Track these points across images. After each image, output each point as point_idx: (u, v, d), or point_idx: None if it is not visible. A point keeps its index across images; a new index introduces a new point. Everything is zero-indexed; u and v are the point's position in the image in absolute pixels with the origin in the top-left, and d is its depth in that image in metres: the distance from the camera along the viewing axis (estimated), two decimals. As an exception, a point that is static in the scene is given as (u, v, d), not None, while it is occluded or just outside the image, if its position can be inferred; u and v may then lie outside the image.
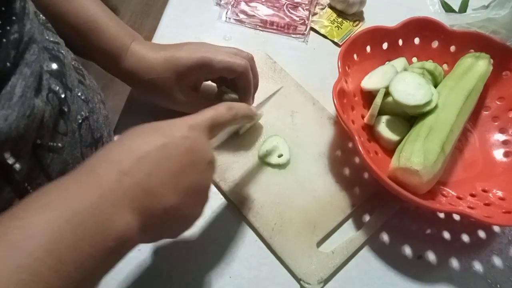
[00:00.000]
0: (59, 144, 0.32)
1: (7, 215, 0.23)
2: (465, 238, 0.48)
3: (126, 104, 0.53)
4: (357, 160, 0.51)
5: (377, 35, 0.54)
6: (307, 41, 0.63)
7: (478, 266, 0.46)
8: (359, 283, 0.44)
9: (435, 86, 0.52)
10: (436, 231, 0.48)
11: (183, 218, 0.33)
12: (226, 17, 0.64)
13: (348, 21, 0.66)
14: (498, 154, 0.52)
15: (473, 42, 0.55)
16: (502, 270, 0.46)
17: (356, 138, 0.43)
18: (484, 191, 0.48)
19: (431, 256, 0.46)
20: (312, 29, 0.64)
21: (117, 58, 0.44)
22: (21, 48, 0.27)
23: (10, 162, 0.27)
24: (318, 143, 0.52)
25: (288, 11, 0.65)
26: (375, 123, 0.51)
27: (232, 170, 0.48)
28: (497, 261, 0.46)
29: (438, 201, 0.46)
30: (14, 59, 0.26)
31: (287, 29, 0.63)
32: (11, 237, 0.22)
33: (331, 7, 0.67)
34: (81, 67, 0.39)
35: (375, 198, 0.48)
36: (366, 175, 0.50)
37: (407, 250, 0.46)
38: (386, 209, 0.48)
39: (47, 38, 0.34)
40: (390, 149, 0.50)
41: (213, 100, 0.50)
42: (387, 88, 0.50)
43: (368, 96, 0.54)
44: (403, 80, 0.49)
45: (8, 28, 0.26)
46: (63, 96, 0.32)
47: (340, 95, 0.47)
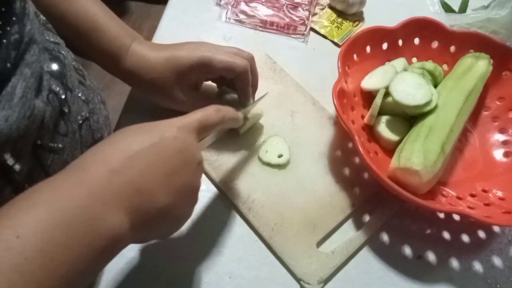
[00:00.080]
0: (60, 145, 0.32)
1: None
2: (465, 238, 0.48)
3: (126, 104, 0.53)
4: (357, 160, 0.51)
5: (377, 35, 0.54)
6: (307, 41, 0.63)
7: (478, 266, 0.46)
8: (359, 283, 0.44)
9: (435, 86, 0.52)
10: (436, 231, 0.48)
11: (174, 219, 0.33)
12: (226, 17, 0.64)
13: (348, 21, 0.66)
14: (498, 154, 0.52)
15: (473, 42, 0.55)
16: (502, 270, 0.46)
17: (356, 138, 0.43)
18: (484, 191, 0.48)
19: (431, 256, 0.46)
20: (312, 29, 0.64)
21: (117, 58, 0.44)
22: (21, 48, 0.27)
23: (11, 163, 0.27)
24: (318, 143, 0.52)
25: (288, 11, 0.65)
26: (375, 123, 0.51)
27: (232, 170, 0.48)
28: (497, 261, 0.47)
29: (438, 201, 0.46)
30: (15, 60, 0.26)
31: (287, 29, 0.63)
32: (1, 236, 0.22)
33: (331, 7, 0.67)
34: (81, 68, 0.39)
35: (375, 198, 0.48)
36: (366, 175, 0.50)
37: (407, 250, 0.46)
38: (386, 209, 0.48)
39: (47, 38, 0.34)
40: (390, 149, 0.50)
41: (213, 100, 0.50)
42: (387, 88, 0.50)
43: (368, 96, 0.54)
44: (403, 80, 0.49)
45: (8, 28, 0.26)
46: (63, 96, 0.32)
47: (340, 95, 0.47)
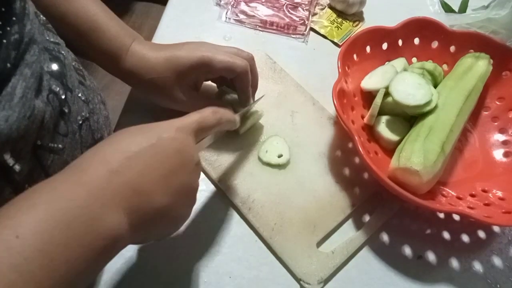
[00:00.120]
0: (60, 145, 0.32)
1: None
2: (465, 238, 0.48)
3: (126, 104, 0.53)
4: (357, 160, 0.51)
5: (377, 35, 0.54)
6: (307, 41, 0.63)
7: (478, 266, 0.46)
8: (359, 283, 0.44)
9: (435, 86, 0.52)
10: (436, 231, 0.48)
11: (172, 219, 0.33)
12: (226, 17, 0.64)
13: (348, 21, 0.66)
14: (498, 154, 0.52)
15: (473, 42, 0.55)
16: (502, 270, 0.46)
17: (356, 138, 0.43)
18: (484, 191, 0.48)
19: (431, 256, 0.46)
20: (312, 29, 0.64)
21: (117, 58, 0.44)
22: (21, 48, 0.27)
23: (11, 163, 0.26)
24: (318, 143, 0.52)
25: (288, 11, 0.65)
26: (375, 123, 0.51)
27: (232, 170, 0.48)
28: (497, 261, 0.47)
29: (438, 201, 0.46)
30: (15, 60, 0.26)
31: (287, 29, 0.63)
32: (0, 236, 0.22)
33: (331, 7, 0.67)
34: (81, 68, 0.39)
35: (375, 198, 0.48)
36: (366, 175, 0.50)
37: (407, 250, 0.46)
38: (386, 209, 0.48)
39: (47, 38, 0.34)
40: (390, 149, 0.50)
41: (213, 100, 0.50)
42: (387, 88, 0.50)
43: (368, 96, 0.54)
44: (403, 80, 0.49)
45: (8, 28, 0.25)
46: (63, 97, 0.32)
47: (340, 95, 0.47)
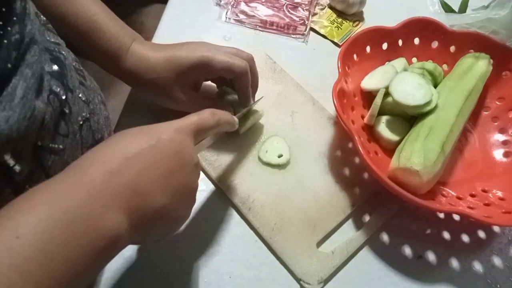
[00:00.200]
0: (60, 146, 0.32)
1: None
2: (465, 238, 0.48)
3: (126, 104, 0.53)
4: (357, 160, 0.51)
5: (377, 35, 0.54)
6: (307, 41, 0.63)
7: (478, 266, 0.46)
8: (359, 283, 0.44)
9: (435, 86, 0.52)
10: (436, 231, 0.48)
11: (172, 220, 0.33)
12: (226, 17, 0.64)
13: (348, 21, 0.66)
14: (498, 154, 0.52)
15: (473, 42, 0.55)
16: (502, 270, 0.46)
17: (356, 138, 0.43)
18: (484, 191, 0.48)
19: (431, 256, 0.46)
20: (312, 29, 0.64)
21: (117, 58, 0.44)
22: (22, 49, 0.27)
23: (11, 163, 0.26)
24: (318, 143, 0.52)
25: (288, 11, 0.65)
26: (375, 123, 0.51)
27: (232, 170, 0.48)
28: (497, 261, 0.47)
29: (438, 201, 0.46)
30: (15, 60, 0.26)
31: (287, 29, 0.63)
32: (1, 237, 0.22)
33: (331, 7, 0.67)
34: (81, 68, 0.39)
35: (375, 198, 0.48)
36: (366, 175, 0.50)
37: (407, 250, 0.46)
38: (386, 209, 0.48)
39: (48, 39, 0.34)
40: (390, 149, 0.50)
41: (213, 100, 0.50)
42: (387, 88, 0.50)
43: (368, 96, 0.54)
44: (403, 80, 0.49)
45: (9, 28, 0.25)
46: (64, 97, 0.32)
47: (340, 95, 0.47)
